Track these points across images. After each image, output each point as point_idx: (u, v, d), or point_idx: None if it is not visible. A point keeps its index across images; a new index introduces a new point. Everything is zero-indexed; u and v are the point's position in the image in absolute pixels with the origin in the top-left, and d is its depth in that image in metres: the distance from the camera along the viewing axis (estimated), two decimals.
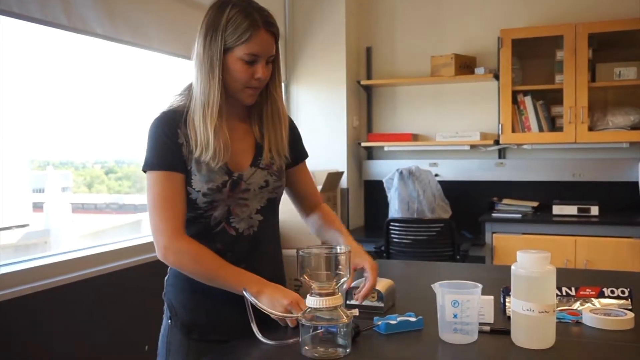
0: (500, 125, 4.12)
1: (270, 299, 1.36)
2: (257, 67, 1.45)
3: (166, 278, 1.60)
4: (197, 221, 1.50)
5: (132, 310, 2.78)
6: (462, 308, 1.27)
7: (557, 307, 1.46)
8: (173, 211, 1.43)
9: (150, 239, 1.47)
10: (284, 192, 1.67)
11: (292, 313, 1.32)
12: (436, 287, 1.32)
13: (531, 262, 1.27)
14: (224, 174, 1.48)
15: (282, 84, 1.61)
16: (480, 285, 1.30)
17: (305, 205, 1.74)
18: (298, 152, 1.68)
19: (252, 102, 1.52)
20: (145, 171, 1.47)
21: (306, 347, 1.23)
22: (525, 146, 4.30)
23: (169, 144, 1.45)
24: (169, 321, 1.55)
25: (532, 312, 1.25)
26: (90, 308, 2.61)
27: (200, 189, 1.46)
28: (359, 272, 1.53)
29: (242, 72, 1.44)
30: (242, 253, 1.50)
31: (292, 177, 1.68)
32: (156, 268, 1.62)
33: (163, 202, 1.43)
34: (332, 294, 1.22)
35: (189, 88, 1.52)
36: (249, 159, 1.53)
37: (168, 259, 1.44)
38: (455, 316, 1.28)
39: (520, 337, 1.28)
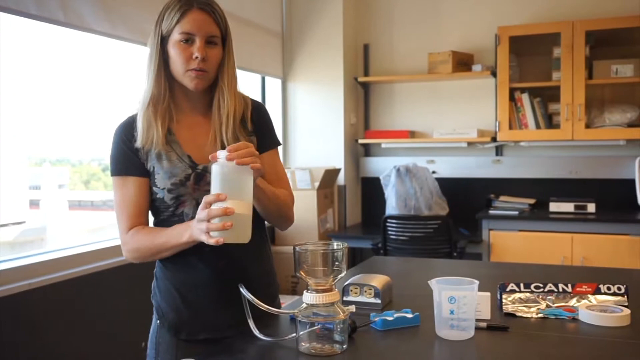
0: (497, 123, 4.12)
1: (195, 232, 1.32)
2: (194, 47, 1.43)
3: (153, 281, 1.60)
4: (171, 221, 1.48)
5: (129, 307, 2.77)
6: (458, 304, 1.27)
7: (553, 304, 1.47)
8: (127, 214, 1.47)
9: None
10: None
11: (211, 221, 1.27)
12: (433, 283, 1.32)
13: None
14: (188, 168, 1.47)
15: (237, 75, 1.54)
16: (476, 282, 1.31)
17: None
18: (265, 139, 1.58)
19: (198, 87, 1.47)
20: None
21: (303, 344, 1.23)
22: (522, 143, 4.31)
23: (124, 149, 1.49)
24: (158, 322, 1.56)
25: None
26: (87, 305, 2.61)
27: (165, 186, 1.46)
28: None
29: (180, 54, 1.44)
30: (222, 248, 1.42)
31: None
32: (153, 265, 1.62)
33: (119, 208, 1.49)
34: (329, 290, 1.22)
35: None
36: (213, 151, 1.49)
37: (127, 257, 1.49)
38: (451, 312, 1.28)
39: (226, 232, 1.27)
